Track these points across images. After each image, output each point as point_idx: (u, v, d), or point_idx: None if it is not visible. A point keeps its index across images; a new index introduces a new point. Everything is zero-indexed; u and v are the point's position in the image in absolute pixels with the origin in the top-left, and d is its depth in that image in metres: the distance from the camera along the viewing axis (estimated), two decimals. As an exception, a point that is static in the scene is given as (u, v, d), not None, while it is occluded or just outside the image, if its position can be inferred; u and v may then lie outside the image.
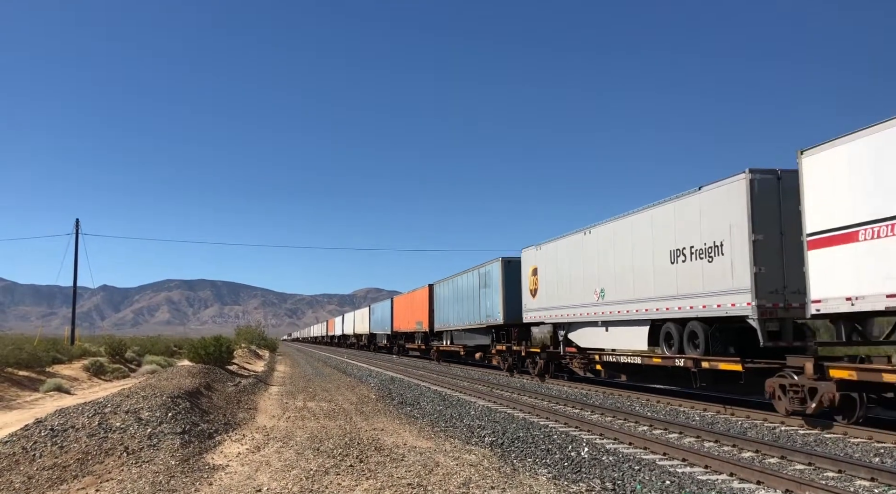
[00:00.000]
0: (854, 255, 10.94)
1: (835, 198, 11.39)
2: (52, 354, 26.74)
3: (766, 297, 13.22)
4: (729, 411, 14.38)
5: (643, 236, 17.18)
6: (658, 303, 16.44)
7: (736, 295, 13.68)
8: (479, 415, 14.62)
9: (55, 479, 8.49)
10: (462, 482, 7.76)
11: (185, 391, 14.93)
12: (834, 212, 11.38)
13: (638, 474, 8.62)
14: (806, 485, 7.45)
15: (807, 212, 11.95)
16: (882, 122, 10.61)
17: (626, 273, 18.05)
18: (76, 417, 10.88)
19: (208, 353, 27.24)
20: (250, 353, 52.65)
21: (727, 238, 13.95)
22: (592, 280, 20.01)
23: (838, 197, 11.31)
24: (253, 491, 7.41)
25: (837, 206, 11.31)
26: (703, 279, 14.76)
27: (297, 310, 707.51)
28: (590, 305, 20.13)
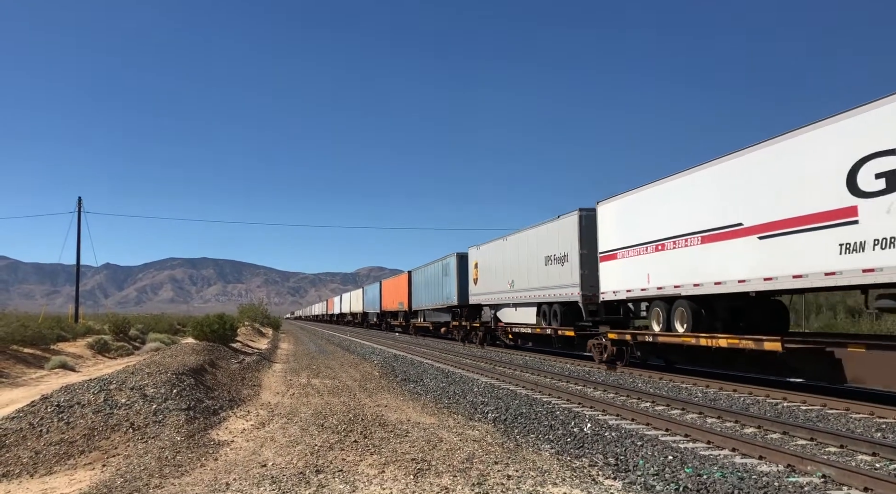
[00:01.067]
0: (615, 267, 18.93)
1: (609, 232, 19.43)
2: (56, 332, 26.87)
3: (587, 289, 20.74)
4: (731, 387, 14.44)
5: (532, 245, 25.01)
6: (539, 291, 24.19)
7: (573, 288, 21.33)
8: (482, 392, 14.69)
9: (62, 454, 8.56)
10: (465, 457, 7.81)
11: (190, 368, 15.00)
12: (609, 240, 19.40)
13: (640, 449, 8.67)
14: (808, 460, 7.49)
15: (599, 239, 20.00)
16: (626, 192, 18.59)
17: (524, 270, 25.64)
18: (82, 393, 10.94)
19: (212, 331, 27.33)
20: (254, 331, 52.87)
21: (569, 251, 21.80)
22: (508, 274, 27.52)
23: (610, 231, 19.38)
24: (258, 466, 7.46)
25: (610, 237, 19.37)
26: (559, 276, 22.49)
27: (299, 289, 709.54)
28: (506, 292, 27.71)
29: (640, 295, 17.85)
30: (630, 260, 18.07)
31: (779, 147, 12.94)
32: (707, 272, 14.90)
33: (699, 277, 15.17)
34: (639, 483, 6.91)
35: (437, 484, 6.59)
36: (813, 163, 12.03)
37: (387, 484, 6.64)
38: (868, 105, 10.98)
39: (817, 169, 11.90)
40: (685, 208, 15.83)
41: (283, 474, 7.06)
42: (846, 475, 6.92)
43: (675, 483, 6.88)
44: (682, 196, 16.02)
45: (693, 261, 15.40)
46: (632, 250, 18.02)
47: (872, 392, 12.62)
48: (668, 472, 7.40)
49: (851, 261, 11.14)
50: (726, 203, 14.35)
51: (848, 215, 11.22)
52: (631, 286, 18.12)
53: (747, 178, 13.76)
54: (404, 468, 7.30)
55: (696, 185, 15.47)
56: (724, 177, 14.50)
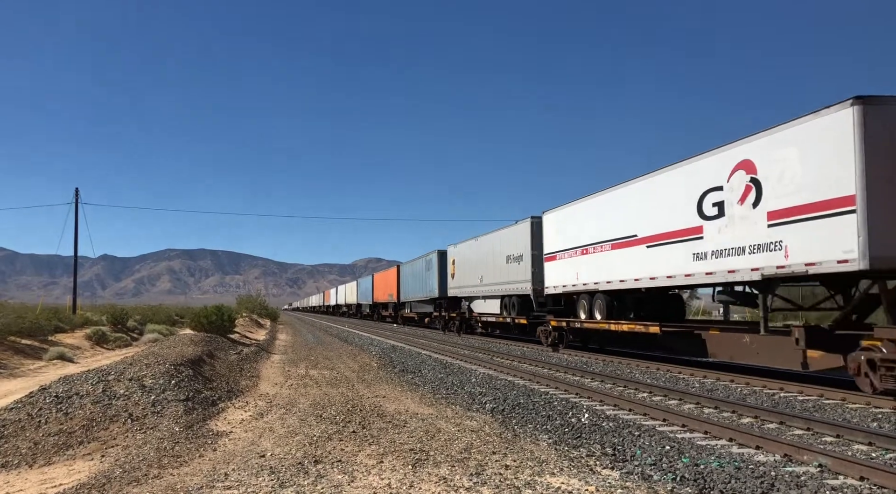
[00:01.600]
0: (555, 266, 22.71)
1: (551, 237, 23.19)
2: (54, 323, 26.87)
3: (536, 284, 24.34)
4: (728, 378, 14.50)
5: (497, 246, 28.71)
6: (502, 285, 27.93)
7: (526, 283, 25.08)
8: (480, 383, 14.72)
9: (61, 445, 8.57)
10: (463, 447, 7.84)
11: (188, 359, 15.02)
12: (550, 244, 23.17)
13: (638, 439, 8.70)
14: (804, 450, 7.52)
15: (544, 243, 23.74)
16: (562, 205, 22.22)
17: (491, 267, 29.34)
18: (80, 384, 10.95)
19: (210, 322, 27.36)
20: (252, 322, 52.90)
21: (524, 252, 25.44)
22: (478, 270, 31.22)
23: (551, 237, 23.12)
24: (257, 457, 7.48)
25: (551, 241, 23.14)
26: (516, 273, 26.21)
27: (297, 280, 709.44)
28: (477, 286, 31.48)
29: (572, 289, 21.55)
30: (565, 261, 22.02)
31: (656, 178, 16.70)
32: (615, 272, 18.59)
33: (610, 276, 18.91)
34: (636, 473, 6.94)
35: (436, 474, 6.62)
36: (677, 193, 15.70)
37: (385, 474, 6.66)
38: (706, 153, 14.69)
39: (679, 197, 15.56)
40: (600, 221, 19.62)
41: (282, 464, 7.08)
42: (842, 464, 6.95)
43: (672, 473, 6.92)
44: (598, 211, 19.86)
45: (606, 263, 19.11)
46: (566, 253, 21.91)
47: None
48: (665, 462, 7.43)
49: (700, 267, 14.79)
50: (626, 218, 18.03)
51: (697, 232, 14.91)
52: (566, 282, 21.89)
53: (639, 200, 17.50)
54: (402, 458, 7.33)
55: (607, 203, 19.26)
56: (624, 198, 18.26)
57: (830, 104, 11.21)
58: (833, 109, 11.16)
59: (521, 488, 6.11)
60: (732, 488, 6.41)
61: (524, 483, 6.26)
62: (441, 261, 37.42)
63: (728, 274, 13.88)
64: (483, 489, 6.10)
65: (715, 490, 6.39)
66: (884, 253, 10.42)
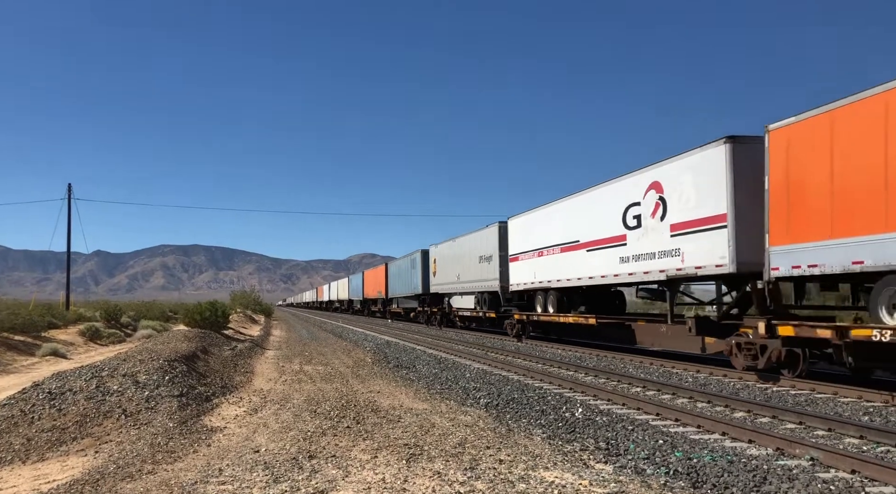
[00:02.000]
0: (518, 266, 25.52)
1: (514, 240, 25.96)
2: (47, 319, 26.78)
3: (504, 282, 26.97)
4: (721, 373, 14.55)
5: (471, 247, 31.37)
6: (476, 283, 30.61)
7: (495, 281, 27.91)
8: (475, 378, 14.74)
9: (54, 441, 8.56)
10: (458, 442, 7.85)
11: (182, 355, 14.99)
12: (514, 246, 25.92)
13: (631, 434, 8.73)
14: (796, 443, 7.57)
15: (509, 245, 26.50)
16: (524, 212, 25.08)
17: (467, 266, 32.04)
18: (74, 380, 10.92)
19: (204, 318, 27.32)
20: (246, 318, 52.82)
21: (493, 253, 28.23)
22: (456, 268, 33.77)
23: (515, 240, 25.92)
24: (251, 452, 7.48)
25: (514, 244, 25.90)
26: (487, 272, 28.99)
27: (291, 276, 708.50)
28: (455, 283, 34.07)
29: (531, 286, 24.36)
30: (525, 261, 24.83)
31: (593, 193, 19.57)
32: (564, 272, 21.46)
33: (560, 275, 21.74)
34: (629, 467, 6.97)
35: (430, 469, 6.63)
36: (608, 206, 18.47)
37: (379, 469, 6.67)
38: (629, 174, 17.44)
39: (610, 210, 18.30)
40: (552, 227, 22.50)
41: (276, 459, 7.09)
42: (834, 457, 7.00)
43: (665, 467, 6.95)
44: (550, 218, 22.76)
45: (557, 264, 21.95)
46: (526, 254, 24.79)
47: (859, 377, 12.74)
48: (658, 456, 7.47)
49: (624, 268, 17.64)
50: (572, 226, 20.95)
51: (622, 240, 17.77)
52: (526, 280, 24.69)
53: (581, 211, 20.44)
54: (397, 453, 7.34)
55: (557, 212, 22.22)
56: (570, 209, 21.21)
57: (712, 140, 14.05)
58: (712, 145, 14.00)
59: (515, 482, 6.13)
60: (725, 481, 6.44)
61: (518, 478, 6.28)
62: (424, 260, 40.11)
63: (644, 275, 16.83)
64: (477, 483, 6.11)
65: (707, 483, 6.42)
66: (747, 259, 13.23)
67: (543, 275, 23.07)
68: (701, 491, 6.20)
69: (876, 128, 10.42)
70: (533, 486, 6.00)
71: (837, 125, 11.16)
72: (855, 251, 10.80)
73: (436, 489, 5.96)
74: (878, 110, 10.42)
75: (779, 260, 12.32)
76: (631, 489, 5.97)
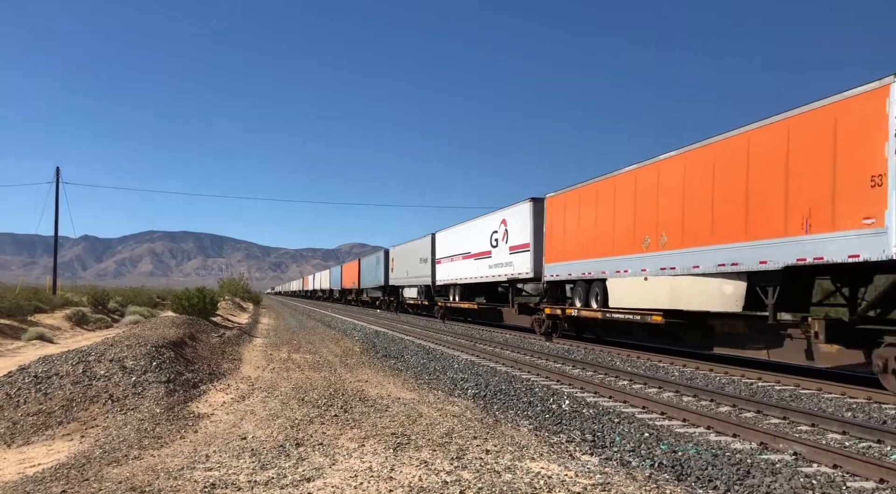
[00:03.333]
0: (442, 267, 36.12)
1: (440, 247, 36.52)
2: (33, 303, 26.57)
3: (433, 279, 36.77)
4: (707, 367, 14.66)
5: (415, 250, 40.30)
6: (418, 279, 39.44)
7: (429, 277, 37.06)
8: (463, 368, 14.79)
9: (40, 425, 8.52)
10: (445, 432, 7.88)
11: (170, 341, 14.94)
12: (439, 252, 36.46)
13: (617, 426, 8.79)
14: (780, 438, 7.65)
15: (437, 251, 36.86)
16: (446, 228, 36.41)
17: (413, 264, 41.19)
18: (60, 365, 10.87)
19: (192, 304, 27.23)
20: (234, 305, 52.66)
21: (429, 256, 37.59)
22: (405, 266, 43.18)
23: (440, 247, 36.47)
24: (238, 439, 7.48)
25: (440, 250, 36.48)
26: (425, 270, 37.84)
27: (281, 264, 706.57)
28: (405, 278, 43.58)
29: (447, 282, 35.02)
30: (445, 264, 35.51)
31: (478, 220, 30.54)
32: (463, 273, 32.30)
33: (461, 275, 32.56)
34: (615, 459, 7.02)
35: (417, 458, 6.66)
36: (482, 231, 29.19)
37: (367, 458, 6.69)
38: (494, 212, 27.89)
39: (484, 233, 29.01)
40: (458, 242, 33.06)
41: (264, 446, 7.09)
42: (816, 452, 7.08)
43: (650, 459, 7.01)
44: (458, 236, 33.36)
45: (459, 268, 32.72)
46: (445, 259, 35.45)
47: (844, 373, 12.89)
48: (643, 448, 7.53)
49: (491, 272, 28.14)
50: (466, 242, 31.71)
51: (490, 254, 28.26)
52: (445, 278, 35.43)
53: (470, 232, 31.29)
54: (384, 442, 7.36)
55: (461, 231, 32.78)
56: (466, 230, 31.90)
57: (523, 199, 24.70)
58: (523, 202, 24.70)
59: (502, 472, 6.16)
60: (709, 474, 6.50)
61: (504, 468, 6.31)
62: (385, 259, 49.66)
63: (500, 276, 27.12)
64: (463, 473, 6.14)
65: (692, 476, 6.48)
66: (538, 271, 23.14)
67: (454, 275, 33.88)
68: (685, 484, 6.26)
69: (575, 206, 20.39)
70: (519, 476, 6.03)
71: (583, 197, 19.97)
72: (573, 268, 20.37)
73: (422, 477, 5.98)
74: (604, 191, 18.75)
75: (547, 271, 22.27)
76: (616, 480, 6.01)
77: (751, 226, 12.85)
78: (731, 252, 13.38)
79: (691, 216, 14.80)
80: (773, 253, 12.21)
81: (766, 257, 12.38)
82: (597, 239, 18.86)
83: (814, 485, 6.21)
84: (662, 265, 15.82)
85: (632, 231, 17.10)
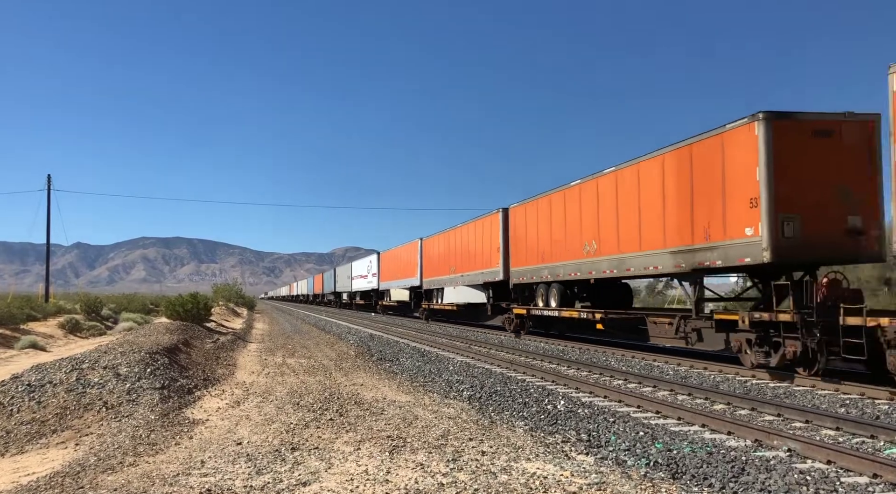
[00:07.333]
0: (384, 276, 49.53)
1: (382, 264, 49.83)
2: (26, 311, 26.46)
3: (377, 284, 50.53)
4: (702, 365, 14.71)
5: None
6: (365, 284, 55.26)
7: (374, 282, 51.48)
8: (458, 370, 14.79)
9: (34, 433, 8.49)
10: (441, 434, 7.88)
11: (164, 347, 14.90)
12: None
13: (613, 426, 8.82)
14: (774, 435, 7.68)
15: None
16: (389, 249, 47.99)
17: (353, 279, 59.78)
18: (53, 373, 10.83)
19: (186, 310, 27.13)
20: (228, 311, 52.55)
21: (369, 272, 53.11)
22: (345, 279, 63.79)
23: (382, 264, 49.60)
24: (233, 445, 7.46)
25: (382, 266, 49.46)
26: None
27: (274, 269, 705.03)
28: (347, 287, 62.72)
29: (385, 287, 46.02)
30: (385, 273, 46.20)
31: (408, 245, 40.91)
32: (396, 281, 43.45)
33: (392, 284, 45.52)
34: (610, 459, 7.04)
35: (413, 461, 6.66)
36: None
37: (362, 461, 6.69)
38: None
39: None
40: (398, 259, 42.70)
41: (259, 451, 7.08)
42: (810, 448, 7.11)
43: (645, 458, 7.03)
44: (398, 255, 43.16)
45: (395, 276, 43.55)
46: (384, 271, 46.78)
47: (836, 369, 12.93)
48: (639, 447, 7.55)
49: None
50: (396, 266, 43.61)
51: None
52: (385, 285, 46.06)
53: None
54: (380, 445, 7.36)
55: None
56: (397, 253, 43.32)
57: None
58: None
59: (497, 473, 6.17)
60: (704, 472, 6.53)
61: (500, 469, 6.32)
62: (334, 273, 72.47)
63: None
64: (459, 474, 6.15)
65: (687, 474, 6.51)
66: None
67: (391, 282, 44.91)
68: (680, 482, 6.28)
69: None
70: (515, 477, 6.04)
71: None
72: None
73: (418, 480, 5.98)
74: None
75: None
76: (612, 479, 6.03)
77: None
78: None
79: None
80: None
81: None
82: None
83: (808, 481, 6.24)
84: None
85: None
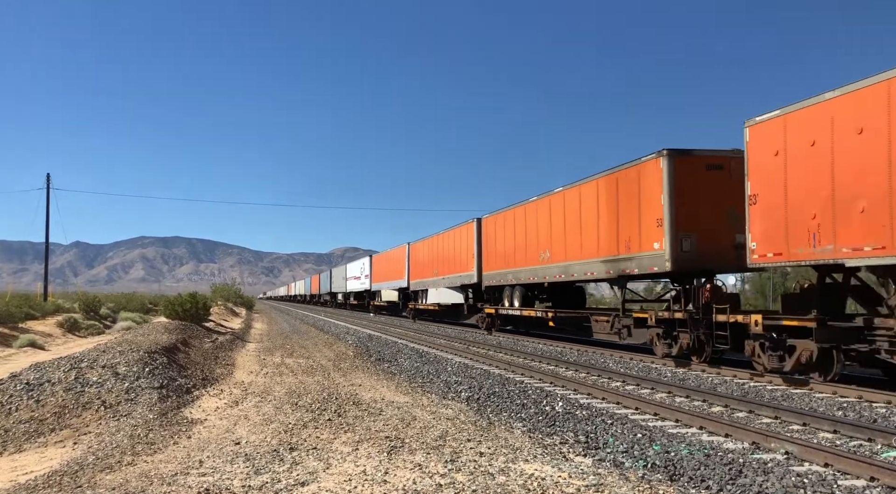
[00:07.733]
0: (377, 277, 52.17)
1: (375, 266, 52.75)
2: (24, 310, 26.46)
3: (370, 285, 53.47)
4: (699, 368, 14.72)
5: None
6: (358, 285, 58.12)
7: (367, 283, 54.23)
8: (456, 371, 14.80)
9: (32, 432, 8.50)
10: (439, 435, 7.89)
11: (163, 346, 14.91)
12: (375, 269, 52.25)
13: (610, 428, 8.83)
14: (772, 437, 7.69)
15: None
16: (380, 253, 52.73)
17: (348, 280, 62.93)
18: (52, 371, 10.83)
19: (185, 310, 27.13)
20: (227, 311, 52.54)
21: (363, 274, 55.80)
22: (340, 280, 68.59)
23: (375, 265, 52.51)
24: (232, 444, 7.47)
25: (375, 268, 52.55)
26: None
27: (273, 269, 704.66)
28: (342, 288, 66.21)
29: (378, 288, 49.52)
30: (379, 275, 48.87)
31: (390, 252, 46.62)
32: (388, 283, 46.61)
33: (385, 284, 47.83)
34: (608, 460, 7.05)
35: (411, 461, 6.67)
36: (398, 258, 43.14)
37: (360, 461, 6.70)
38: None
39: (401, 259, 42.08)
40: (389, 262, 46.00)
41: (257, 451, 7.08)
42: (808, 451, 7.13)
43: (643, 460, 7.04)
44: (388, 257, 46.82)
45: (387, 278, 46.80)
46: (376, 274, 49.98)
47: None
48: (637, 449, 7.56)
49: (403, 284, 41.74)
50: (387, 270, 46.78)
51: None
52: (378, 285, 49.21)
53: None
54: (378, 445, 7.36)
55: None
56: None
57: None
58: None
59: (495, 474, 6.18)
60: (702, 474, 6.54)
61: (498, 470, 6.33)
62: (330, 274, 76.85)
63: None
64: (457, 475, 6.16)
65: (685, 476, 6.52)
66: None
67: (382, 283, 47.52)
68: (678, 484, 6.30)
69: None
70: (513, 478, 6.06)
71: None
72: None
73: (416, 480, 5.99)
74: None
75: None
76: (609, 481, 6.04)
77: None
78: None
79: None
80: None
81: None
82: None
83: (805, 484, 6.25)
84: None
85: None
